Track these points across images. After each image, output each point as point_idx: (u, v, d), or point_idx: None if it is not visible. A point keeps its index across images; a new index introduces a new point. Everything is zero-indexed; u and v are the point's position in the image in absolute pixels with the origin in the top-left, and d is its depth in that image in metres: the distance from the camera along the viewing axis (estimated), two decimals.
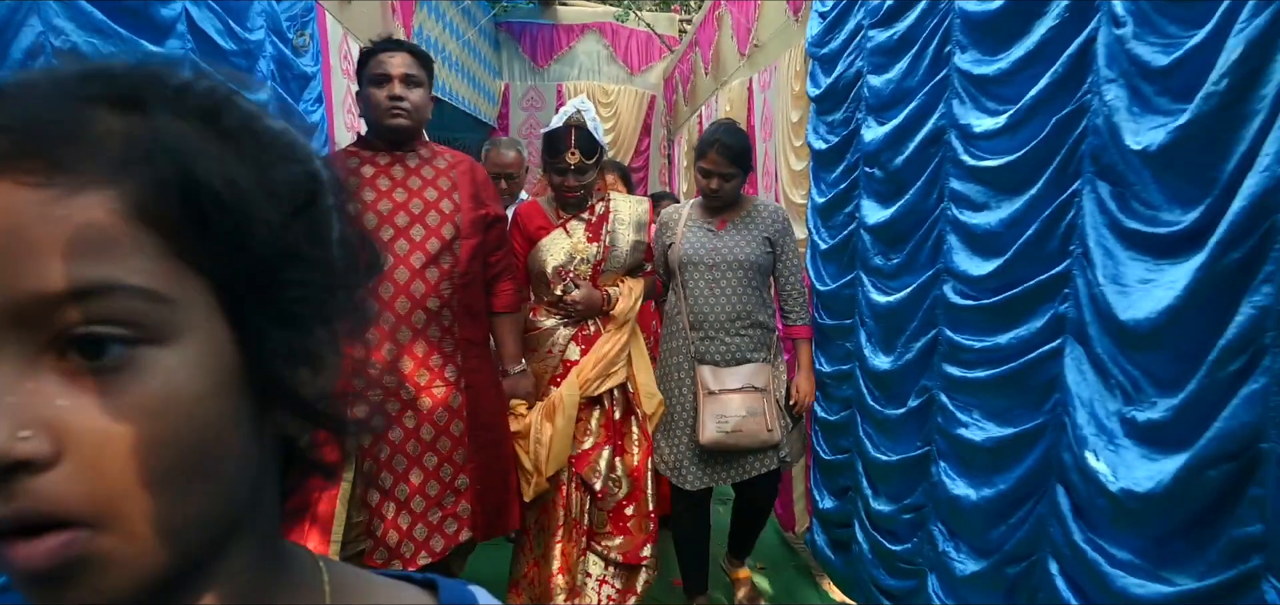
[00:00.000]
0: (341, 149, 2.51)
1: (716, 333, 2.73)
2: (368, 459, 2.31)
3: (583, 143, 2.65)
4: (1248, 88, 1.26)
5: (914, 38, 2.38)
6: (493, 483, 2.48)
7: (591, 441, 2.73)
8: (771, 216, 2.80)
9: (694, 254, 2.76)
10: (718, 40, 5.51)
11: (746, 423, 2.67)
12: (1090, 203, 1.64)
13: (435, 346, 2.35)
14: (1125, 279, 1.51)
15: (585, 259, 2.73)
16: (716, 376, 2.71)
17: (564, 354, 2.73)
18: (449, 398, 2.37)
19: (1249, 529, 1.24)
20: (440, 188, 2.40)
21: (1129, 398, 1.52)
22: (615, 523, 2.76)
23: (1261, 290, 1.22)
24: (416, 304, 2.31)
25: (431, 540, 2.37)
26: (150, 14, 2.14)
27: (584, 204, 2.78)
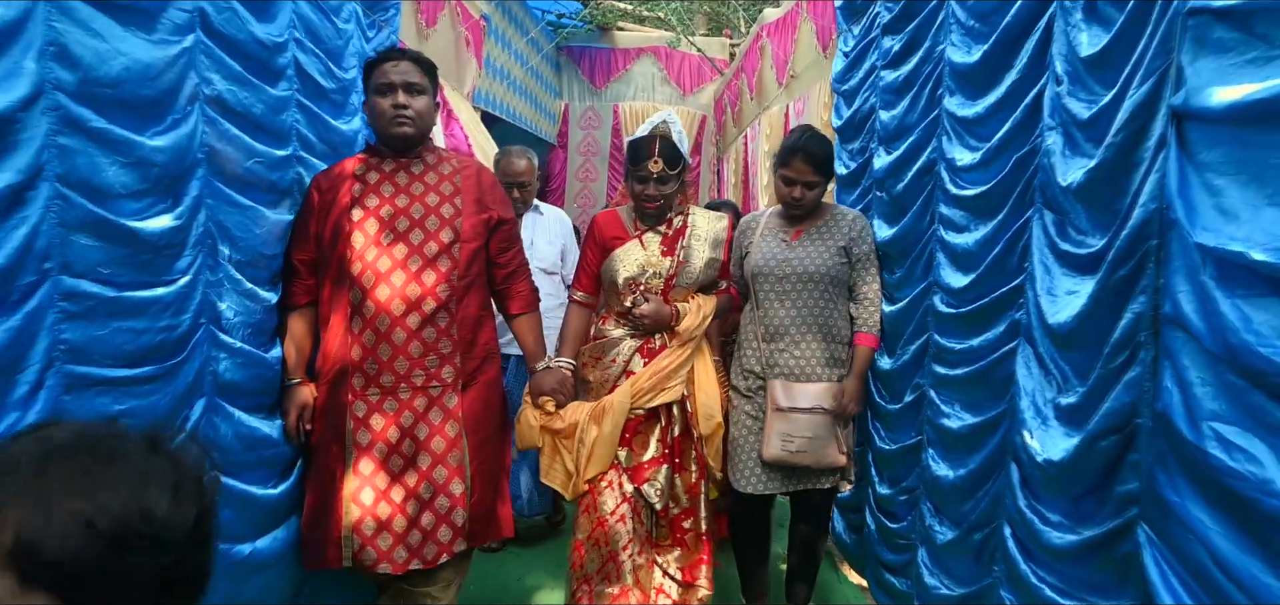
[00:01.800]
0: (350, 157, 2.55)
1: (788, 345, 2.68)
2: (363, 458, 2.34)
3: (666, 152, 2.63)
4: (1137, 140, 1.58)
5: (914, 81, 2.71)
6: (489, 489, 2.48)
7: (649, 455, 2.70)
8: (849, 225, 2.74)
9: (765, 265, 2.71)
10: (761, 68, 5.87)
11: (811, 444, 2.62)
12: (1038, 227, 1.96)
13: (431, 348, 2.37)
14: (1057, 291, 1.84)
15: (657, 273, 2.70)
16: (788, 392, 2.65)
17: (628, 365, 2.71)
18: (444, 399, 2.38)
19: (1129, 486, 1.56)
20: (442, 192, 2.43)
21: (1060, 387, 1.84)
22: (674, 535, 2.77)
23: (1139, 299, 1.54)
24: (411, 306, 2.34)
25: (424, 547, 2.36)
26: (270, 63, 2.58)
27: (663, 216, 2.74)
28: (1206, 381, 1.33)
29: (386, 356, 2.36)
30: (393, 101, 2.35)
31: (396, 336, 2.35)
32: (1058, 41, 1.89)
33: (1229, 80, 1.31)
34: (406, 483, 2.36)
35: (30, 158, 1.62)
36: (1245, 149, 1.29)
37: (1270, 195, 1.23)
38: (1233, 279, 1.27)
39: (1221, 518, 1.30)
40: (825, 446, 2.63)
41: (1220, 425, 1.29)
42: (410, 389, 2.37)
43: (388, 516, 2.34)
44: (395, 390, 2.37)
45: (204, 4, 2.15)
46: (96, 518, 0.53)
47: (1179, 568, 1.40)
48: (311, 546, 2.42)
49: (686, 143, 2.75)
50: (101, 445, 0.59)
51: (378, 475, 2.36)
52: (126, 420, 1.76)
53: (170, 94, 2.04)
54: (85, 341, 1.75)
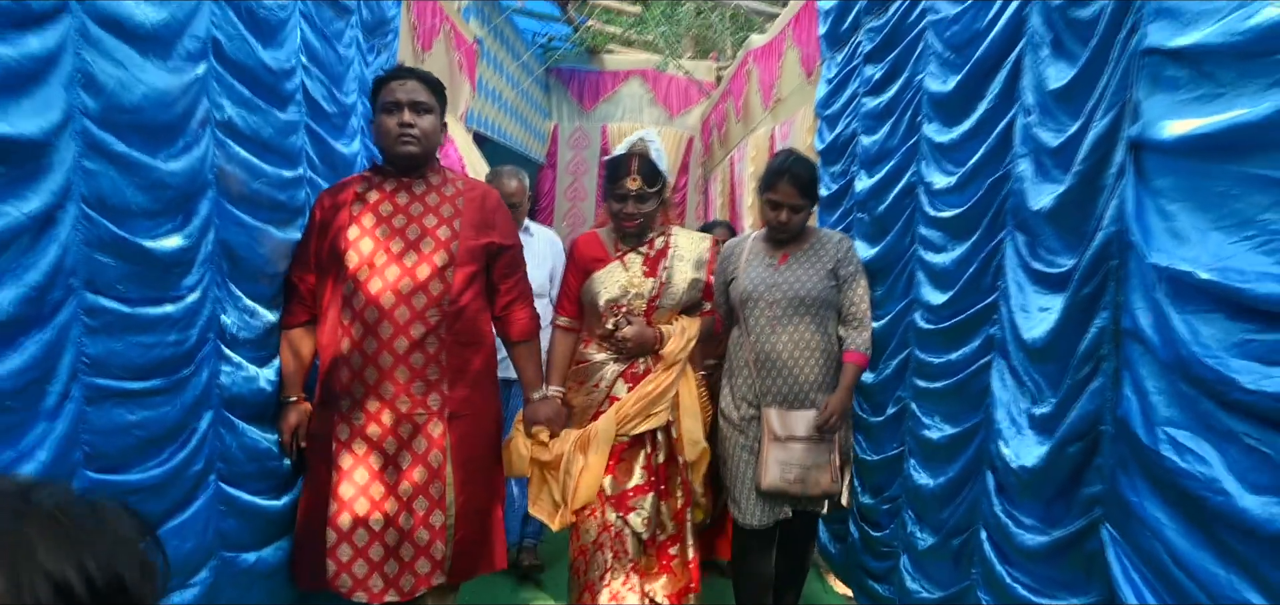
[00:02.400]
0: (351, 176, 2.53)
1: (781, 372, 2.62)
2: (344, 481, 2.28)
3: (645, 170, 2.58)
4: (1101, 168, 1.70)
5: (894, 107, 2.84)
6: (478, 521, 2.40)
7: (633, 483, 2.65)
8: (835, 247, 2.69)
9: (754, 290, 2.65)
10: (747, 92, 6.01)
11: (809, 472, 2.58)
12: (1011, 247, 2.08)
13: (418, 373, 2.29)
14: (1029, 307, 1.95)
15: (640, 294, 2.64)
16: (783, 421, 2.59)
17: (611, 390, 2.65)
18: (430, 426, 2.31)
19: (1093, 489, 1.67)
20: (441, 215, 2.37)
21: (1034, 398, 1.95)
22: (660, 562, 2.71)
23: (1102, 314, 1.65)
24: (399, 330, 2.28)
25: (401, 579, 2.28)
26: (279, 88, 2.67)
27: (643, 236, 2.69)
28: (1161, 390, 1.44)
29: (372, 380, 2.30)
30: (399, 120, 2.33)
31: (383, 360, 2.28)
32: (1027, 75, 2.01)
33: (1179, 115, 1.43)
34: (386, 510, 2.28)
35: (61, 180, 1.69)
36: (1193, 178, 1.40)
37: (1215, 220, 1.34)
38: (1183, 296, 1.39)
39: (1176, 515, 1.40)
40: (823, 473, 2.60)
41: (1173, 430, 1.39)
42: (394, 415, 2.29)
43: (365, 544, 2.27)
44: (378, 416, 2.30)
45: (216, 32, 2.24)
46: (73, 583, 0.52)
47: (1139, 563, 1.50)
48: (309, 566, 2.37)
49: (665, 160, 2.70)
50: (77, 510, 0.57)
51: (357, 500, 2.28)
52: (138, 431, 1.85)
53: (184, 119, 2.12)
54: (104, 354, 1.83)
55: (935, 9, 2.55)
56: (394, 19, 3.78)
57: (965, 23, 2.35)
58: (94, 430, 1.80)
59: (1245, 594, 1.23)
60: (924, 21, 2.63)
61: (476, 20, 6.10)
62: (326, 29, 2.98)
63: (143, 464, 1.95)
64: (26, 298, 1.60)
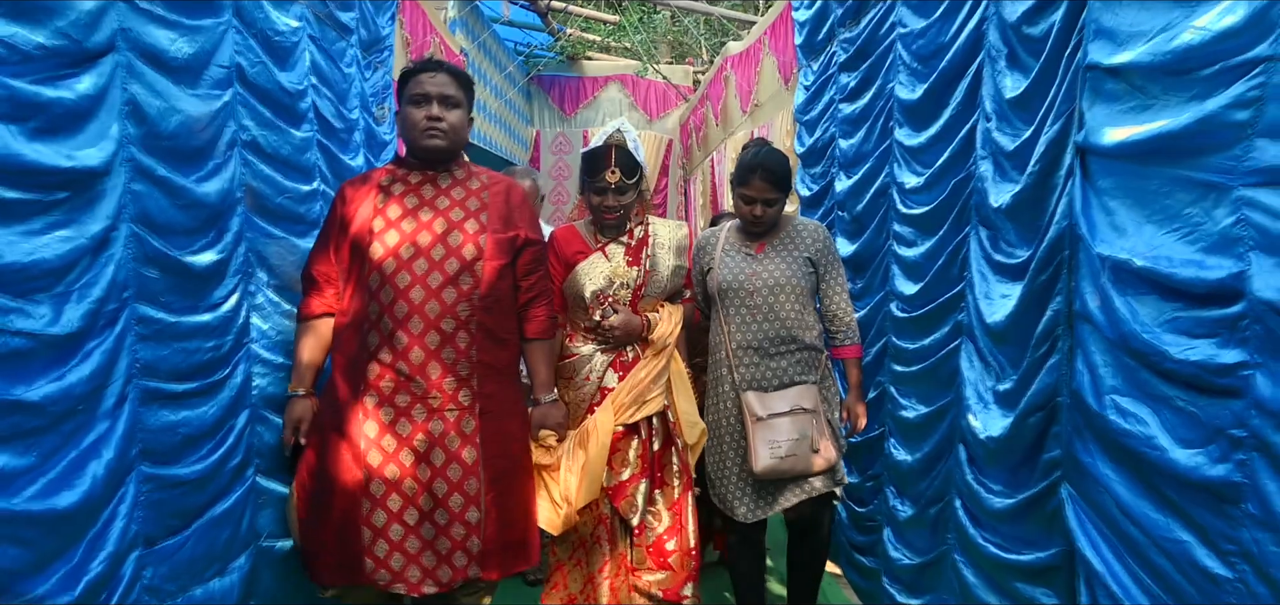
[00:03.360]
0: (373, 170, 2.51)
1: (760, 359, 2.61)
2: (375, 478, 2.25)
3: (623, 161, 2.56)
4: (1052, 169, 1.90)
5: (868, 114, 3.03)
6: (512, 516, 2.35)
7: (629, 473, 2.61)
8: (812, 236, 2.69)
9: (733, 280, 2.64)
10: (725, 97, 6.20)
11: (799, 446, 2.53)
12: (974, 241, 2.27)
13: (449, 368, 2.26)
14: (992, 295, 2.14)
15: (625, 283, 2.63)
16: (763, 401, 2.58)
17: (602, 381, 2.62)
18: (461, 422, 2.27)
19: (1053, 453, 1.86)
20: (468, 208, 2.34)
21: (998, 376, 2.14)
22: (656, 557, 2.63)
23: (1056, 299, 1.85)
24: (430, 324, 2.24)
25: (438, 570, 2.26)
26: (294, 108, 2.81)
27: (623, 227, 2.67)
28: (1107, 363, 1.63)
29: (403, 375, 2.25)
30: (427, 113, 2.27)
31: (414, 355, 2.24)
32: (986, 84, 2.21)
33: (1118, 123, 1.62)
34: (420, 505, 2.24)
35: (115, 204, 1.84)
36: (1130, 178, 1.60)
37: (1147, 214, 1.54)
38: (1123, 281, 1.58)
39: (1122, 471, 1.60)
40: (811, 445, 2.55)
41: (1117, 397, 1.59)
42: (426, 411, 2.25)
43: (401, 538, 2.24)
44: (409, 411, 2.26)
45: (239, 58, 2.38)
46: None
47: (1093, 516, 1.70)
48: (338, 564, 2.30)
49: (642, 151, 2.67)
50: None
51: (391, 496, 2.25)
52: (183, 429, 1.99)
53: (215, 141, 2.27)
54: (153, 360, 1.98)
55: (904, 23, 2.74)
56: (388, 36, 3.92)
57: (930, 36, 2.55)
58: (145, 429, 1.95)
59: (1179, 534, 1.43)
60: (893, 34, 2.82)
61: (463, 33, 6.25)
62: (330, 49, 3.14)
63: (189, 459, 2.09)
64: (90, 312, 1.75)
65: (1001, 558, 2.06)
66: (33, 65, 1.64)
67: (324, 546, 2.30)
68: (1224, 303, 1.34)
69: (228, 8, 2.32)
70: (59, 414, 1.66)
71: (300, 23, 2.80)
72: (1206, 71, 1.40)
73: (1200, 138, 1.41)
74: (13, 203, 1.56)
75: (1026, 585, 1.96)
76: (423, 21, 4.91)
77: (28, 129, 1.60)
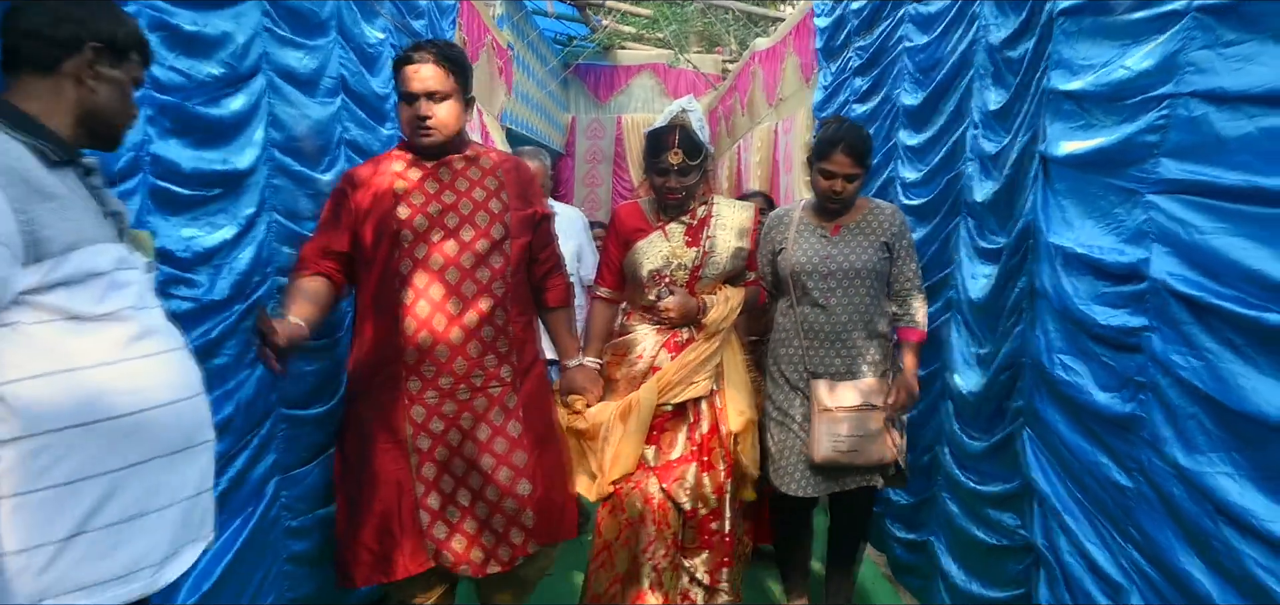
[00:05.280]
0: (387, 152, 2.47)
1: (832, 344, 2.55)
2: (426, 463, 2.24)
3: (686, 143, 2.48)
4: (1023, 172, 2.26)
5: (877, 115, 3.40)
6: (554, 484, 2.36)
7: (677, 454, 2.56)
8: (888, 219, 2.60)
9: (808, 262, 2.56)
10: (752, 89, 6.55)
11: (862, 442, 2.50)
12: (962, 230, 2.64)
13: (490, 347, 2.26)
14: (976, 275, 2.52)
15: (683, 264, 2.56)
16: (832, 392, 2.52)
17: (654, 361, 2.56)
18: (505, 398, 2.27)
19: (1017, 403, 2.24)
20: (487, 187, 2.33)
21: (979, 343, 2.52)
22: (702, 537, 2.60)
23: (1022, 279, 2.22)
24: (468, 304, 2.23)
25: (499, 550, 2.25)
26: (381, 109, 3.22)
27: (685, 207, 2.59)
28: (1056, 329, 2.01)
29: (444, 358, 2.24)
30: (415, 111, 2.25)
31: (453, 336, 2.23)
32: (974, 98, 2.57)
33: (1069, 138, 1.99)
34: (470, 485, 2.25)
35: (258, 196, 2.26)
36: (1077, 183, 1.96)
37: (1087, 212, 1.91)
38: (1069, 264, 1.95)
39: (1065, 415, 1.98)
40: (876, 443, 2.51)
41: (1062, 356, 1.97)
42: (469, 389, 2.25)
43: (458, 520, 2.24)
44: (453, 392, 2.25)
45: (342, 70, 2.80)
46: None
47: (1044, 451, 2.08)
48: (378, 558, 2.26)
49: (706, 130, 2.58)
50: None
51: (443, 478, 2.26)
52: (311, 378, 2.42)
53: (330, 141, 2.70)
54: None
55: (909, 37, 3.10)
56: (450, 37, 4.33)
57: (930, 51, 2.90)
58: (284, 376, 2.37)
59: (1099, 458, 1.82)
60: (900, 46, 3.18)
61: (509, 28, 6.64)
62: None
63: (314, 403, 2.53)
64: (236, 283, 2.12)
65: (977, 490, 2.45)
66: (204, 91, 2.03)
67: (361, 545, 2.26)
68: (1134, 281, 1.71)
69: (333, 26, 2.74)
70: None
71: (384, 34, 3.22)
72: (1131, 101, 1.76)
73: (1124, 153, 1.77)
74: (180, 198, 1.93)
75: (995, 511, 2.35)
76: (477, 21, 5.31)
77: (194, 141, 1.99)
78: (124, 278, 1.32)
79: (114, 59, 1.35)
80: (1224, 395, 1.45)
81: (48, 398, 1.18)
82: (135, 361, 1.29)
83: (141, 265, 1.40)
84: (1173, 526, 1.59)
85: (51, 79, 1.30)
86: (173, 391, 1.34)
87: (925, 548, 2.92)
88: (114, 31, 1.34)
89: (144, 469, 1.28)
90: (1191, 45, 1.57)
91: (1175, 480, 1.57)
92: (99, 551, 1.23)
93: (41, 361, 1.19)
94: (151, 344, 1.33)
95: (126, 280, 1.32)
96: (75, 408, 1.20)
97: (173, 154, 1.88)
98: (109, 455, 1.24)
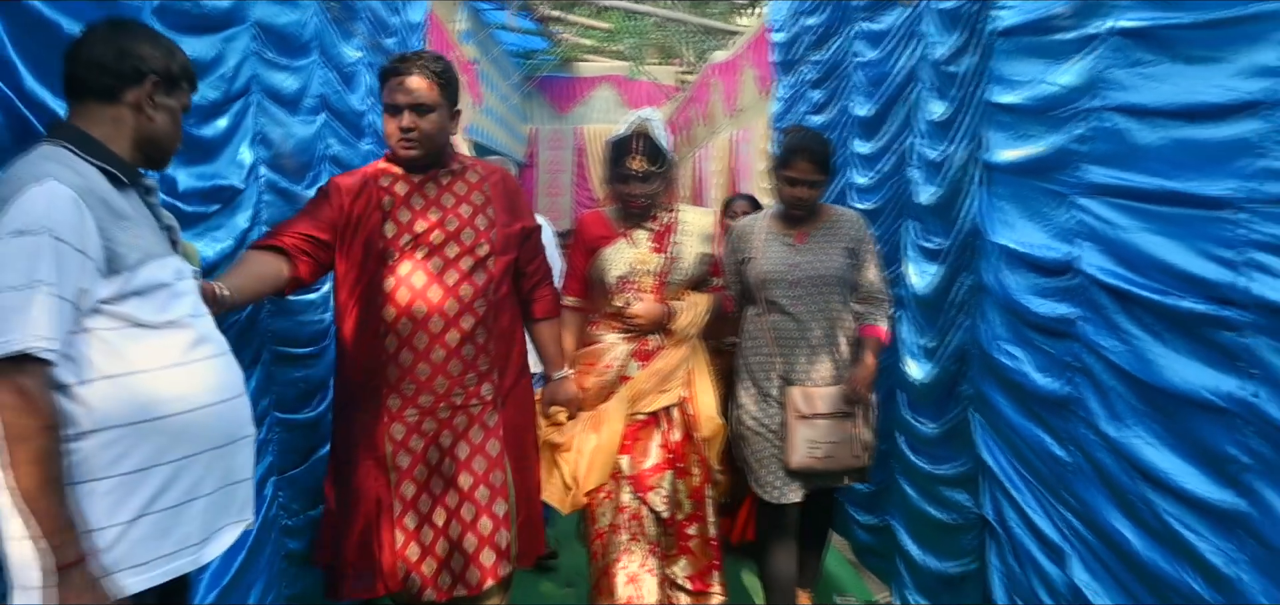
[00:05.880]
0: (373, 163, 2.40)
1: (804, 350, 2.57)
2: (405, 480, 2.20)
3: (649, 149, 2.48)
4: (964, 178, 2.45)
5: (832, 125, 3.57)
6: (528, 507, 2.35)
7: (650, 463, 2.54)
8: (851, 225, 2.64)
9: (774, 270, 2.59)
10: (710, 101, 6.72)
11: (837, 448, 2.53)
12: (907, 232, 2.82)
13: (470, 365, 2.23)
14: (921, 273, 2.70)
15: (649, 271, 2.56)
16: (808, 399, 2.53)
17: (623, 369, 2.55)
18: (485, 416, 2.25)
19: (967, 389, 2.42)
20: (474, 203, 2.29)
21: (926, 336, 2.70)
22: (680, 543, 2.60)
23: (966, 277, 2.40)
24: (450, 323, 2.20)
25: (467, 573, 2.20)
26: (359, 125, 3.31)
27: (649, 214, 2.58)
28: (1000, 320, 2.19)
29: (425, 376, 2.21)
30: (399, 124, 2.19)
31: (435, 354, 2.20)
32: (919, 109, 2.75)
33: (1007, 147, 2.17)
34: (447, 504, 2.21)
35: (251, 209, 2.34)
36: (1014, 187, 2.15)
37: (1023, 213, 2.09)
38: (1009, 261, 2.13)
39: (1009, 398, 2.16)
40: (851, 448, 2.55)
41: (1004, 343, 2.14)
42: (450, 407, 2.22)
43: (431, 541, 2.20)
44: (434, 410, 2.21)
45: (324, 89, 2.89)
46: None
47: (992, 432, 2.26)
48: (360, 573, 2.23)
49: (668, 138, 2.59)
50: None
51: (421, 498, 2.21)
52: (301, 384, 2.52)
53: (313, 157, 2.78)
54: (280, 330, 2.48)
55: (860, 52, 3.28)
56: None
57: (879, 66, 3.09)
58: (277, 383, 2.46)
59: (1039, 434, 1.99)
60: (851, 60, 3.36)
61: (473, 44, 6.73)
62: (378, 69, 3.63)
63: (304, 408, 2.61)
64: None
65: (931, 471, 2.63)
66: (199, 112, 2.09)
67: (345, 559, 2.24)
68: (1066, 275, 1.89)
69: (315, 47, 2.82)
70: None
71: (361, 52, 3.31)
72: (1060, 114, 1.95)
73: (1055, 160, 1.95)
74: (185, 215, 1.97)
75: (948, 490, 2.53)
76: (443, 37, 5.40)
77: (191, 159, 2.05)
78: (181, 287, 1.44)
79: (168, 89, 1.46)
80: (1144, 373, 1.63)
81: (118, 397, 1.30)
82: (192, 366, 1.41)
83: (191, 275, 1.50)
84: (1104, 491, 1.77)
85: (113, 107, 1.41)
86: (222, 392, 1.46)
87: (886, 530, 3.10)
88: (169, 65, 1.46)
89: (196, 460, 1.40)
90: (1111, 65, 1.76)
91: (1104, 450, 1.75)
92: (156, 533, 1.34)
93: (113, 364, 1.30)
94: (205, 349, 1.45)
95: (183, 290, 1.45)
96: (141, 406, 1.32)
97: (173, 172, 1.96)
98: (169, 448, 1.36)
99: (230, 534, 1.54)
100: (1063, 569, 1.91)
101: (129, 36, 1.43)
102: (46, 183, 1.25)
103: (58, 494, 1.22)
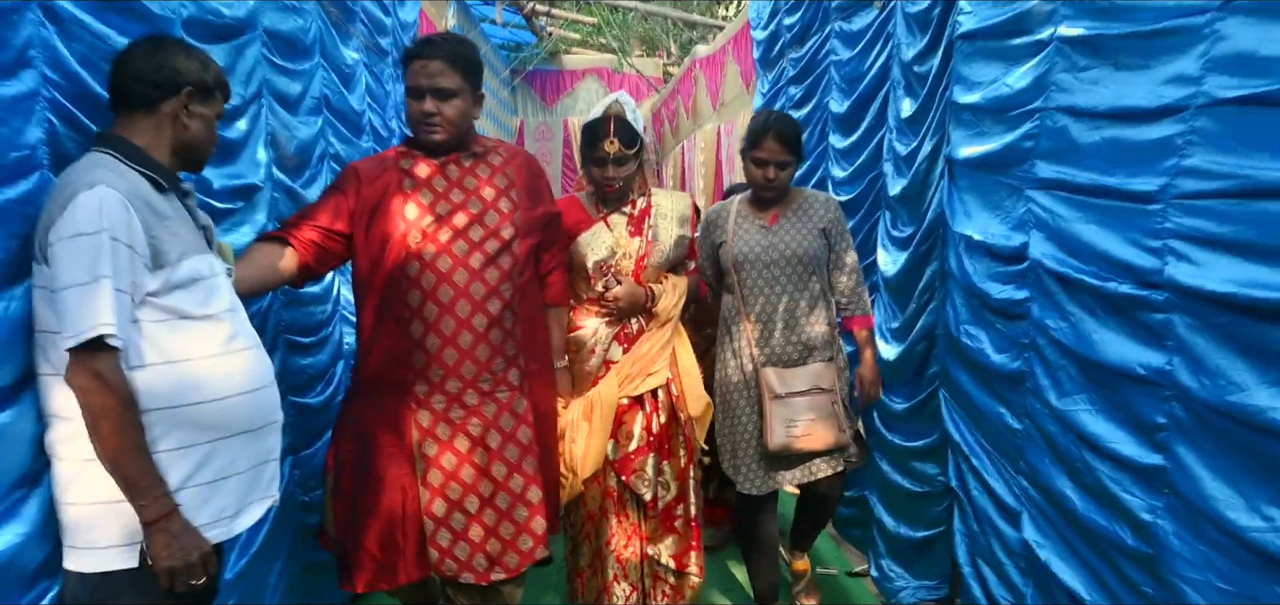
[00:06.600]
0: (395, 147, 2.37)
1: (778, 332, 2.59)
2: (432, 469, 2.17)
3: (622, 132, 2.47)
4: (931, 171, 2.61)
5: (811, 120, 3.74)
6: (555, 491, 2.39)
7: (634, 446, 2.57)
8: (823, 207, 2.67)
9: (749, 252, 2.60)
10: (696, 93, 6.88)
11: (815, 426, 2.55)
12: (882, 222, 3.00)
13: (498, 350, 2.19)
14: (893, 260, 2.87)
15: (628, 254, 2.58)
16: (782, 379, 2.56)
17: (607, 354, 2.57)
18: (514, 402, 2.22)
19: (934, 369, 2.60)
20: (497, 186, 2.25)
21: (894, 317, 2.87)
22: (665, 524, 2.64)
23: (934, 263, 2.58)
24: (476, 307, 2.16)
25: (505, 556, 2.18)
26: (359, 123, 3.44)
27: (625, 198, 2.60)
28: (963, 303, 2.36)
29: (452, 362, 2.16)
30: (422, 108, 2.16)
31: (463, 340, 2.16)
32: (891, 106, 2.92)
33: (969, 144, 2.34)
34: (480, 492, 2.18)
35: (267, 207, 2.48)
36: (975, 181, 2.32)
37: (984, 205, 2.26)
38: (971, 249, 2.30)
39: (970, 375, 2.34)
40: (828, 426, 2.57)
41: (968, 325, 2.32)
42: (478, 394, 2.18)
43: (463, 528, 2.17)
44: (461, 397, 2.18)
45: (325, 90, 3.02)
46: None
47: (957, 408, 2.44)
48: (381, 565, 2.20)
49: (641, 121, 2.58)
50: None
51: (449, 485, 2.17)
52: (309, 370, 2.68)
53: (314, 157, 2.92)
54: (291, 320, 2.63)
55: (835, 51, 3.45)
56: None
57: (854, 65, 3.25)
58: (288, 369, 2.60)
59: (998, 408, 2.17)
60: (828, 59, 3.52)
61: None
62: (375, 68, 3.78)
63: (313, 392, 2.76)
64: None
65: (902, 446, 2.81)
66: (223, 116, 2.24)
67: (363, 550, 2.20)
68: (1018, 261, 2.07)
69: (316, 50, 2.96)
70: None
71: (359, 53, 3.45)
72: (1013, 113, 2.11)
73: (1008, 156, 2.12)
74: (217, 211, 2.15)
75: (918, 463, 2.72)
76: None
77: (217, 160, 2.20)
78: (219, 283, 1.59)
79: (203, 98, 1.60)
80: (1084, 349, 1.81)
81: (165, 383, 1.45)
82: (230, 356, 1.56)
83: (225, 272, 1.65)
84: (1051, 457, 1.95)
85: (154, 116, 1.55)
86: (255, 381, 1.62)
87: (862, 503, 3.28)
88: (204, 76, 1.59)
89: (232, 441, 1.56)
90: (1055, 68, 1.92)
91: (1052, 420, 1.93)
92: (193, 506, 1.49)
93: (157, 353, 1.45)
94: (240, 342, 1.61)
95: (221, 286, 1.59)
96: (182, 391, 1.47)
97: (207, 173, 2.11)
98: (206, 430, 1.51)
99: (259, 508, 1.69)
100: (1017, 529, 2.09)
101: (167, 51, 1.57)
102: (98, 188, 1.39)
103: (145, 456, 1.38)
